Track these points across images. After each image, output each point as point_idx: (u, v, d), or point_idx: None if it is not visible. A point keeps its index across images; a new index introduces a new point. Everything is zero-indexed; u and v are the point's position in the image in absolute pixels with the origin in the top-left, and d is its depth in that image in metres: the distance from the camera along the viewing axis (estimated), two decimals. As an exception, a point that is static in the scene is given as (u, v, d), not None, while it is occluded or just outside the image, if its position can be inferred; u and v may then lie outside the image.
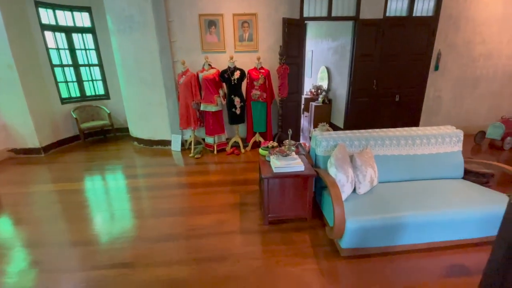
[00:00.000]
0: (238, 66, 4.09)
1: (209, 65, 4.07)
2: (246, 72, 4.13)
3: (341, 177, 2.04)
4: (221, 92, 4.17)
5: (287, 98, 4.22)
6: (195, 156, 4.17)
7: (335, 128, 5.50)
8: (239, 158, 4.19)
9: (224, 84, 4.19)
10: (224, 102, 4.28)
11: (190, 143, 4.48)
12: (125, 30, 4.20)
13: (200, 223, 2.42)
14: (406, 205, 2.00)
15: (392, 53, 4.52)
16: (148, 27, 4.07)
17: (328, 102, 5.78)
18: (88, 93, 5.43)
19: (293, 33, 4.09)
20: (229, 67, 4.02)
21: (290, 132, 2.46)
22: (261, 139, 4.44)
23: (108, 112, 5.25)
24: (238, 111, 4.16)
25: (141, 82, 4.43)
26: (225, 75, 4.01)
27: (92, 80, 5.44)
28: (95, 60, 5.37)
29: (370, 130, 2.59)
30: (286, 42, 4.02)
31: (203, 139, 4.55)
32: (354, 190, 2.20)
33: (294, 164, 2.21)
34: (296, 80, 4.37)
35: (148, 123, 4.69)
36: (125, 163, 4.16)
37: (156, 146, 4.79)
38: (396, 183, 2.40)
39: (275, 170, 2.20)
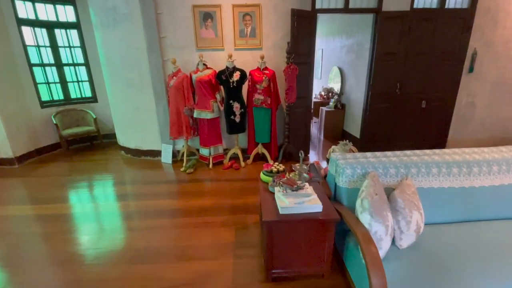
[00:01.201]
0: (238, 66, 3.48)
1: (204, 65, 3.48)
2: (248, 73, 3.52)
3: (379, 228, 1.41)
4: (218, 96, 3.57)
5: (295, 104, 3.59)
6: (187, 171, 3.57)
7: (349, 137, 4.85)
8: (239, 173, 3.58)
9: (221, 87, 3.59)
10: (221, 108, 3.68)
11: (183, 155, 3.88)
12: (108, 23, 3.63)
13: (179, 276, 1.81)
14: (473, 270, 1.35)
15: (420, 51, 3.85)
16: (134, 20, 3.50)
17: (341, 107, 5.13)
18: (73, 95, 4.90)
19: (304, 28, 3.46)
20: (227, 67, 3.41)
21: (301, 154, 1.84)
22: (265, 151, 3.82)
23: (94, 117, 4.69)
24: (237, 119, 3.55)
25: (127, 84, 3.85)
26: (222, 77, 3.40)
27: (78, 81, 4.90)
28: (80, 59, 4.83)
29: (409, 152, 1.94)
30: (295, 38, 3.39)
31: (198, 150, 3.95)
32: (393, 240, 1.57)
33: (308, 203, 1.59)
34: (305, 83, 3.74)
35: (135, 131, 4.12)
36: (105, 179, 3.58)
37: (145, 157, 4.21)
38: (448, 226, 1.75)
39: (281, 211, 1.58)
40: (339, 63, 5.31)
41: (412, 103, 4.11)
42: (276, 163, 2.12)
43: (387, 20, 3.65)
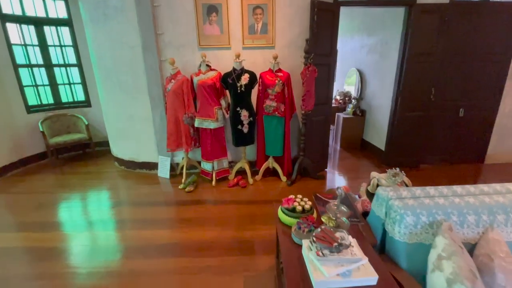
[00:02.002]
0: (247, 67, 2.98)
1: (208, 66, 2.98)
2: (258, 76, 3.02)
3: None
4: (223, 102, 3.06)
5: (312, 112, 3.06)
6: (187, 189, 3.07)
7: (371, 149, 4.29)
8: (246, 192, 3.06)
9: (227, 92, 3.09)
10: (227, 116, 3.17)
11: (182, 168, 3.38)
12: (98, 18, 3.17)
13: None
14: None
15: (459, 51, 3.29)
16: (127, 14, 3.02)
17: (360, 114, 4.57)
18: (64, 99, 4.46)
19: (325, 23, 2.94)
20: (234, 69, 2.91)
21: (341, 191, 1.30)
22: (276, 166, 3.29)
23: (86, 123, 4.24)
24: (245, 129, 3.04)
25: (120, 89, 3.38)
26: (228, 80, 2.90)
27: (70, 84, 4.46)
28: (72, 59, 4.39)
29: (487, 189, 1.40)
30: (315, 35, 2.87)
31: (199, 163, 3.44)
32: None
33: (358, 274, 1.06)
34: (325, 87, 3.21)
35: (129, 141, 3.64)
36: (92, 199, 3.10)
37: (140, 170, 3.73)
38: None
39: (317, 286, 1.05)
40: (358, 65, 4.76)
41: (448, 111, 3.54)
42: (300, 197, 1.59)
43: (423, 13, 3.10)
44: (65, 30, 4.24)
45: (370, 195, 1.64)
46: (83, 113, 4.48)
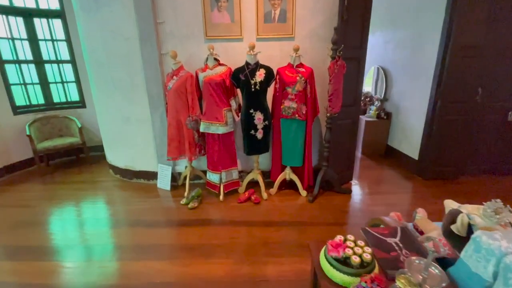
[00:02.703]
0: (262, 61, 2.51)
1: (216, 60, 2.52)
2: (275, 72, 2.55)
3: None
4: (233, 103, 2.60)
5: (338, 114, 2.58)
6: (190, 206, 2.61)
7: (400, 157, 3.78)
8: (260, 210, 2.58)
9: (238, 91, 2.63)
10: (237, 119, 2.71)
11: (185, 178, 2.92)
12: (90, 7, 2.74)
13: None
14: None
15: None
16: (121, 0, 2.59)
17: (385, 117, 4.07)
18: (56, 99, 4.05)
19: (356, 8, 2.46)
20: (247, 64, 2.45)
21: (432, 253, 0.82)
22: (294, 177, 2.81)
23: (79, 125, 3.81)
24: (259, 135, 2.56)
25: (115, 87, 2.94)
26: (240, 76, 2.44)
27: (62, 82, 4.05)
28: (66, 55, 3.98)
29: None
30: (344, 23, 2.39)
31: (205, 172, 2.97)
32: None
33: None
34: (353, 86, 2.73)
35: (125, 147, 3.19)
36: (77, 216, 2.66)
37: (138, 180, 3.28)
38: None
39: None
40: (381, 62, 4.26)
41: (496, 114, 3.03)
42: (352, 238, 1.10)
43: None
44: (57, 23, 3.83)
45: (452, 236, 1.15)
46: (77, 115, 4.06)
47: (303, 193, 2.80)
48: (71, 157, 4.16)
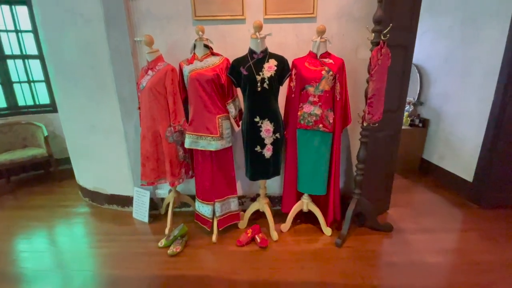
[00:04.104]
0: (272, 50, 1.78)
1: (207, 48, 1.80)
2: (290, 65, 1.82)
3: None
4: (231, 108, 1.87)
5: (378, 123, 1.83)
6: (170, 252, 1.86)
7: (441, 175, 2.99)
8: (267, 259, 1.83)
9: (237, 91, 1.90)
10: (237, 130, 1.99)
11: (168, 206, 2.19)
12: (42, -22, 2.06)
13: None
14: None
15: None
16: (79, -33, 1.90)
17: (421, 124, 3.30)
18: (21, 101, 3.37)
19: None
20: (252, 52, 1.72)
21: None
22: (314, 208, 2.05)
23: (46, 134, 3.12)
24: (268, 152, 1.82)
25: (75, 85, 2.24)
26: (242, 70, 1.71)
27: (29, 82, 3.37)
28: (33, 49, 3.30)
29: None
30: (392, -9, 1.66)
31: (194, 198, 2.21)
32: None
33: None
34: (396, 84, 1.98)
35: (93, 164, 2.48)
36: (8, 266, 1.94)
37: (110, 206, 2.56)
38: None
39: None
40: (413, 58, 3.51)
41: None
42: None
43: None
44: (22, 11, 3.17)
45: None
46: (47, 121, 3.37)
47: (327, 231, 2.04)
48: (38, 171, 3.47)
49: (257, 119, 1.74)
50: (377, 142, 2.01)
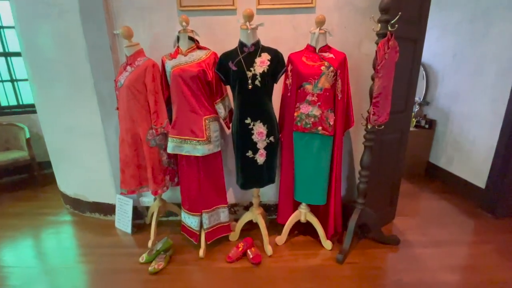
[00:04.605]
0: (265, 43, 1.59)
1: (193, 40, 1.61)
2: (286, 60, 1.62)
3: None
4: (220, 108, 1.67)
5: (384, 125, 1.63)
6: (151, 269, 1.66)
7: (449, 180, 2.79)
8: (260, 277, 1.63)
9: (227, 90, 1.71)
10: (228, 132, 1.79)
11: (157, 214, 1.99)
12: (13, -35, 1.87)
13: None
14: None
15: None
16: (51, -49, 1.71)
17: (427, 126, 3.10)
18: (3, 102, 3.18)
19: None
20: (242, 45, 1.53)
21: None
22: (313, 221, 1.85)
23: (28, 136, 2.93)
24: (260, 158, 1.62)
25: (51, 83, 2.05)
26: (230, 66, 1.51)
27: (12, 81, 3.19)
28: (15, 46, 3.12)
29: None
30: (401, -24, 1.47)
31: (181, 207, 2.01)
32: None
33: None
34: (403, 82, 1.79)
35: (73, 169, 2.29)
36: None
37: (92, 214, 2.36)
38: None
39: None
40: (418, 55, 3.31)
41: None
42: None
43: None
44: (4, 5, 2.98)
45: None
46: (31, 122, 3.17)
47: (327, 244, 1.84)
48: (21, 175, 3.27)
49: (248, 120, 1.54)
50: (383, 146, 1.81)
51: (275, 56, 1.52)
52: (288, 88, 1.67)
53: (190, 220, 1.80)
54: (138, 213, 2.19)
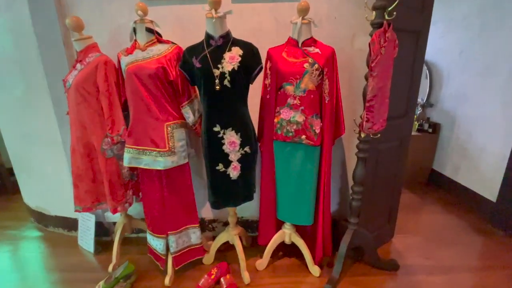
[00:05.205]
0: (239, 36, 1.34)
1: (152, 32, 1.35)
2: (265, 57, 1.37)
3: None
4: (187, 112, 1.41)
5: (381, 133, 1.38)
6: (106, 300, 1.43)
7: (453, 190, 2.53)
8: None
9: (196, 90, 1.46)
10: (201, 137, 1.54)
11: (121, 232, 1.75)
12: None
13: None
14: None
15: None
16: None
17: (431, 130, 2.84)
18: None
19: None
20: (209, 38, 1.27)
21: None
22: (299, 243, 1.60)
23: (-6, 141, 2.70)
24: (234, 172, 1.37)
25: (3, 85, 1.81)
26: (193, 62, 1.26)
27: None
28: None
29: None
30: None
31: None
32: None
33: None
34: (406, 81, 1.53)
35: (32, 179, 2.05)
36: None
37: (55, 229, 2.12)
38: None
39: None
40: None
41: None
42: None
43: None
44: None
45: None
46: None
47: (315, 271, 1.59)
48: (-9, 183, 3.04)
49: (217, 128, 1.29)
50: (380, 157, 1.56)
51: (249, 51, 1.26)
52: (267, 89, 1.41)
53: (155, 243, 1.56)
54: (104, 229, 1.95)
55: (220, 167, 1.35)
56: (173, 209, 1.48)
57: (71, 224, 2.03)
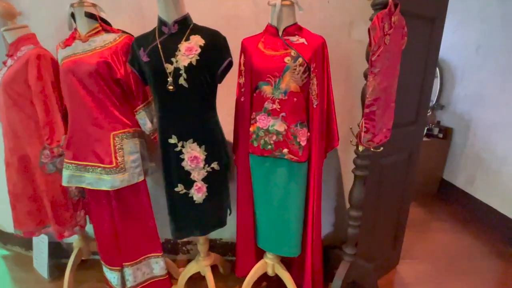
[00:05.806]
0: (205, 23, 1.06)
1: (94, 18, 1.08)
2: (240, 49, 1.09)
3: None
4: (142, 118, 1.14)
5: (385, 145, 1.09)
6: None
7: (469, 203, 2.22)
8: None
9: (149, 91, 1.18)
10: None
11: (76, 257, 1.50)
12: None
13: None
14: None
15: None
16: None
17: (441, 135, 2.53)
18: None
19: None
20: (161, 23, 0.98)
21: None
22: (284, 276, 1.32)
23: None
24: (198, 194, 1.10)
25: None
26: (141, 56, 0.98)
27: None
28: None
29: None
30: None
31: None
32: None
33: None
34: (417, 80, 1.24)
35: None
36: None
37: (12, 247, 1.88)
38: None
39: None
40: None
41: None
42: None
43: None
44: None
45: None
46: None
47: (302, 312, 1.31)
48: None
49: (173, 140, 1.02)
50: (383, 174, 1.27)
51: (213, 40, 0.98)
52: (241, 90, 1.13)
53: (110, 275, 1.29)
54: (62, 251, 1.69)
55: (180, 188, 1.07)
56: (128, 237, 1.21)
57: (28, 243, 1.78)
